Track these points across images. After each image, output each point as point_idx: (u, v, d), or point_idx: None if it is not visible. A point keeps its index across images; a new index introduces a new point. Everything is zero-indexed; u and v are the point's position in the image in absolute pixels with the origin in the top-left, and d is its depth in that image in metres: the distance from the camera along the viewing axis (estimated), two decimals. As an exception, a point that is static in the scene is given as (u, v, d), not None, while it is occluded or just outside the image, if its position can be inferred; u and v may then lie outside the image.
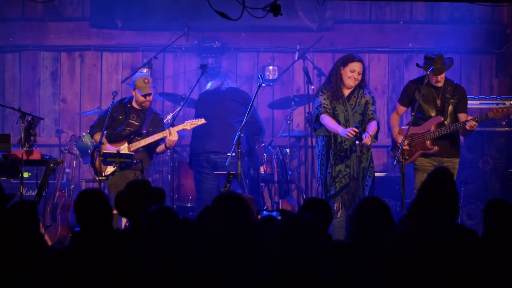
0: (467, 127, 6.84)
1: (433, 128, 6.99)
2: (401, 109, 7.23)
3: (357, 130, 6.63)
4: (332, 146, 6.92)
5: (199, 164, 7.73)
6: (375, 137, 6.97)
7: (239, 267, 3.76)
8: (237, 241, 3.88)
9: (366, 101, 6.98)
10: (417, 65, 7.09)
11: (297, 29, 9.34)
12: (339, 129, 6.79)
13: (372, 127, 6.89)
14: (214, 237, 3.91)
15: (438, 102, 7.05)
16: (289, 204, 8.12)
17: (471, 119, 6.86)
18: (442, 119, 7.02)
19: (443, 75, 7.01)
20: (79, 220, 4.13)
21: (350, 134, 6.67)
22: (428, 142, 7.00)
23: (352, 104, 6.96)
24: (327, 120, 6.88)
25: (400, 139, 6.98)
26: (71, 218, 8.10)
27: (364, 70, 7.00)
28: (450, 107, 7.05)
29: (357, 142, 6.64)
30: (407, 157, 6.98)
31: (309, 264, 3.28)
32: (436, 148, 6.98)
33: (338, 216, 6.80)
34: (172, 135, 7.16)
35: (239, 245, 3.87)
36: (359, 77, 6.95)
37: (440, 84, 7.04)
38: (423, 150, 7.01)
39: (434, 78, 6.98)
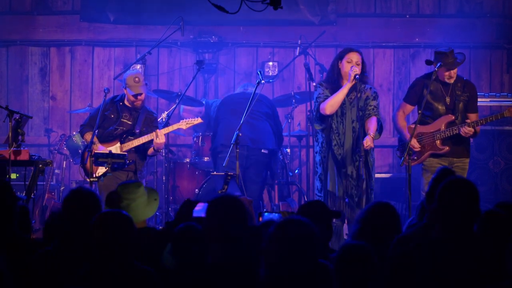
0: (461, 133, 6.82)
1: (443, 127, 6.95)
2: (408, 107, 7.18)
3: (357, 70, 6.75)
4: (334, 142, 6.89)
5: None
6: (379, 132, 6.95)
7: (237, 271, 3.76)
8: (234, 244, 3.87)
9: (367, 96, 6.95)
10: (428, 62, 7.01)
11: (298, 23, 9.33)
12: (345, 84, 6.81)
13: (372, 126, 6.84)
14: (210, 240, 3.90)
15: (448, 99, 7.00)
16: (290, 206, 8.11)
17: (469, 123, 6.80)
18: (453, 117, 6.96)
19: (455, 71, 6.96)
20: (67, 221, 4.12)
21: (354, 71, 6.73)
22: (438, 142, 6.96)
23: (351, 98, 6.90)
24: (327, 100, 6.85)
25: (404, 132, 6.96)
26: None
27: (363, 62, 6.96)
28: (461, 105, 6.99)
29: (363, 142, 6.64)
30: (415, 158, 6.95)
31: (304, 268, 3.30)
32: (447, 148, 6.94)
33: (334, 221, 6.76)
34: (159, 137, 7.14)
35: (237, 248, 3.87)
36: (358, 68, 6.89)
37: (452, 80, 6.97)
38: (432, 150, 6.97)
39: (447, 73, 6.91)
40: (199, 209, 4.57)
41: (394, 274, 3.56)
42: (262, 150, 7.62)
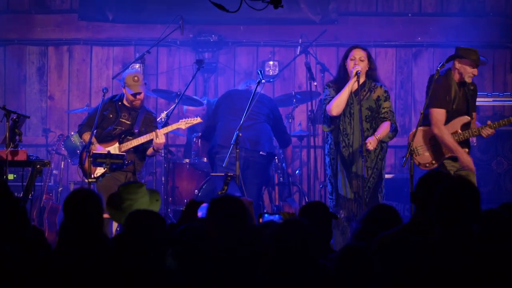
0: (483, 135, 6.60)
1: (459, 129, 6.68)
2: (443, 113, 6.64)
3: (358, 67, 6.71)
4: (342, 142, 6.84)
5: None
6: (392, 134, 6.86)
7: (237, 272, 3.77)
8: (235, 245, 3.89)
9: (378, 96, 6.85)
10: (449, 58, 6.64)
11: (299, 21, 9.34)
12: (348, 83, 6.75)
13: (381, 129, 6.76)
14: (210, 241, 3.92)
15: (462, 100, 6.71)
16: (290, 207, 8.12)
17: (490, 124, 6.61)
18: (469, 118, 6.70)
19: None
20: (68, 222, 4.13)
21: (356, 69, 6.68)
22: None
23: (360, 98, 6.77)
24: (332, 101, 6.78)
25: (459, 149, 6.64)
26: (59, 223, 8.10)
27: (370, 58, 6.87)
28: (470, 104, 6.76)
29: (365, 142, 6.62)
30: (433, 162, 6.77)
31: (299, 270, 3.33)
32: (467, 150, 6.69)
33: (342, 222, 6.76)
34: (158, 137, 7.15)
35: (237, 250, 3.88)
36: (363, 64, 6.83)
37: (470, 79, 6.70)
38: (451, 153, 6.66)
39: (471, 70, 6.62)
40: (202, 209, 4.58)
41: (394, 275, 3.58)
42: (260, 152, 7.62)
